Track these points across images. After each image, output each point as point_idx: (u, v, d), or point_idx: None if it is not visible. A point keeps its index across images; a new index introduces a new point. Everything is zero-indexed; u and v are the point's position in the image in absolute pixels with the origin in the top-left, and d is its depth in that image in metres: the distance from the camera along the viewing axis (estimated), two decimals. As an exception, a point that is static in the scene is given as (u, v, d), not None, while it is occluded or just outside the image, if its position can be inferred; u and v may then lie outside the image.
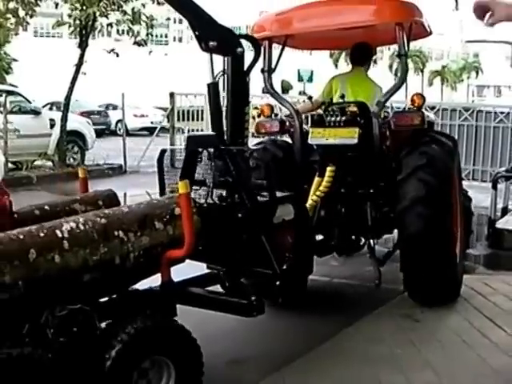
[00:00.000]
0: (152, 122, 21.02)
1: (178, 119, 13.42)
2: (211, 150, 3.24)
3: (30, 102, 12.28)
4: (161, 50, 33.89)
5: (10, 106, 11.20)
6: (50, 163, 11.93)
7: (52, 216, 2.94)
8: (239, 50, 3.15)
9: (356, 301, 4.50)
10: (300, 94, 19.89)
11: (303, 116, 4.78)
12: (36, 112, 12.07)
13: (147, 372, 2.69)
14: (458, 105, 10.69)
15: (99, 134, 16.13)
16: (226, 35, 3.17)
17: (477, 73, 53.03)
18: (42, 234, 2.52)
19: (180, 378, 2.75)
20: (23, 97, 12.32)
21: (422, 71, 48.96)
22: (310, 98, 4.84)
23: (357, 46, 4.87)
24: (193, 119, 13.80)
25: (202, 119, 13.40)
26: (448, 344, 3.60)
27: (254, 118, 4.61)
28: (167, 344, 2.73)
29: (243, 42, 3.25)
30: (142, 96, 24.81)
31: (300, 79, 25.03)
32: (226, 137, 3.31)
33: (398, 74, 4.54)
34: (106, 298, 2.82)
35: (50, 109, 17.08)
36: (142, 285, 3.00)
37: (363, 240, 4.50)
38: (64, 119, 11.66)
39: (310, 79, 24.66)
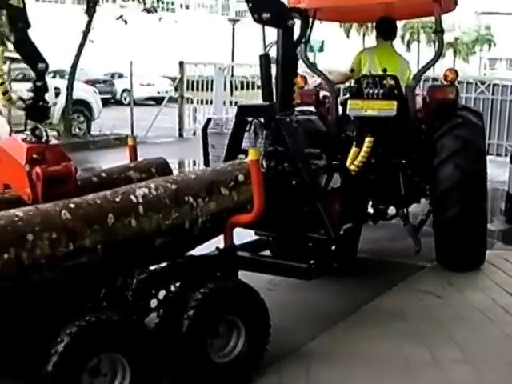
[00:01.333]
0: (159, 92, 20.78)
1: (187, 89, 13.16)
2: (261, 119, 3.28)
3: (34, 70, 12.02)
4: (169, 18, 33.32)
5: (14, 73, 10.94)
6: (55, 133, 11.76)
7: (109, 183, 2.94)
8: (290, 22, 3.21)
9: (375, 276, 4.41)
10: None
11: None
12: (40, 80, 11.84)
13: (218, 332, 2.73)
14: (474, 78, 10.48)
15: (104, 103, 15.84)
16: (279, 8, 3.22)
17: (489, 45, 52.14)
18: (117, 199, 2.52)
19: (249, 337, 2.80)
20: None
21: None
22: (352, 70, 4.84)
23: (381, 20, 4.84)
24: (202, 89, 13.53)
25: (212, 89, 13.18)
26: (472, 320, 3.54)
27: None
28: (237, 304, 2.79)
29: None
30: (149, 64, 24.47)
31: (311, 49, 24.63)
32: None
33: (435, 49, 4.59)
34: (174, 261, 2.83)
35: (54, 77, 16.77)
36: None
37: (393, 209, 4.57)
38: (70, 88, 11.41)
39: (321, 49, 24.28)
